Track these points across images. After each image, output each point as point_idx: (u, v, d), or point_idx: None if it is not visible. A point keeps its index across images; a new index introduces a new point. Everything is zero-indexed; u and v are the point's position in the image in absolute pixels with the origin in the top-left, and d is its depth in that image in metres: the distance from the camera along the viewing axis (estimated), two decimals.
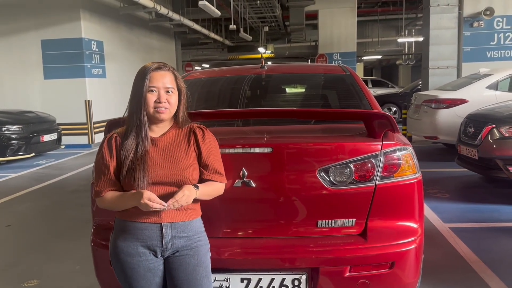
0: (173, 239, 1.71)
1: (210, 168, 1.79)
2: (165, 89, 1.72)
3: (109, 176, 1.71)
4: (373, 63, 32.03)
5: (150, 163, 1.69)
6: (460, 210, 4.63)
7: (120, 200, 1.71)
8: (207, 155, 1.79)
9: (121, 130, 1.77)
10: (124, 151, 1.69)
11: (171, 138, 1.77)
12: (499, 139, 4.86)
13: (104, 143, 1.75)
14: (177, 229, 1.72)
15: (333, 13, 16.56)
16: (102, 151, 1.74)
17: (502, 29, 10.20)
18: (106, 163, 1.71)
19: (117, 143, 1.73)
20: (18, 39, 10.22)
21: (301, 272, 1.98)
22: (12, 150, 7.87)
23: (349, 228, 2.04)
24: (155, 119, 1.73)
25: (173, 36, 16.83)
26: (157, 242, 1.70)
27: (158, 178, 1.69)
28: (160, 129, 1.77)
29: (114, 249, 1.75)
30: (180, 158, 1.73)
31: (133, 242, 1.71)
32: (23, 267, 3.54)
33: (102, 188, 1.72)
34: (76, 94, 10.14)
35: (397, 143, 2.07)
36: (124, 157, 1.69)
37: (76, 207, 5.25)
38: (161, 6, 11.14)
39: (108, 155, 1.72)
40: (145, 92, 1.69)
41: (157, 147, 1.73)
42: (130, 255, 1.71)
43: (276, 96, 3.29)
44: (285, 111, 2.43)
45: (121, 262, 1.73)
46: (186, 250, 1.74)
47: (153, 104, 1.70)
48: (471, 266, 3.24)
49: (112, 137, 1.75)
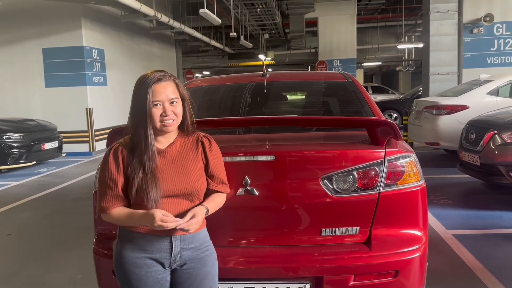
0: (181, 251, 1.69)
1: (216, 179, 1.78)
2: (169, 101, 1.68)
3: (116, 192, 1.66)
4: (373, 70, 32.11)
5: (161, 177, 1.65)
6: (463, 216, 4.61)
7: (130, 220, 1.66)
8: (214, 166, 1.78)
9: (125, 141, 1.72)
10: (132, 168, 1.64)
11: (179, 148, 1.74)
12: (501, 145, 4.85)
13: (109, 156, 1.69)
14: (186, 241, 1.70)
15: (333, 20, 16.62)
16: (108, 165, 1.68)
17: (502, 35, 10.24)
18: (113, 178, 1.66)
19: (124, 156, 1.67)
20: (19, 48, 10.27)
21: (305, 281, 1.97)
22: (13, 158, 7.87)
23: (353, 236, 2.02)
24: (162, 132, 1.70)
25: (174, 43, 16.90)
26: (166, 254, 1.68)
27: (170, 191, 1.66)
28: (167, 140, 1.74)
29: (120, 259, 1.70)
30: (190, 170, 1.71)
31: (141, 253, 1.67)
32: (24, 276, 3.52)
33: (108, 204, 1.67)
34: (77, 102, 10.16)
35: (401, 150, 2.06)
36: (132, 175, 1.64)
37: (77, 215, 5.23)
38: (161, 14, 11.19)
39: (115, 170, 1.66)
40: (149, 107, 1.64)
41: (165, 159, 1.70)
42: (138, 266, 1.67)
43: (278, 104, 3.28)
44: (288, 119, 2.42)
45: (128, 273, 1.69)
46: (194, 263, 1.72)
47: (160, 118, 1.66)
48: (475, 273, 3.21)
49: (118, 150, 1.68)
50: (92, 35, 10.41)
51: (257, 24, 17.88)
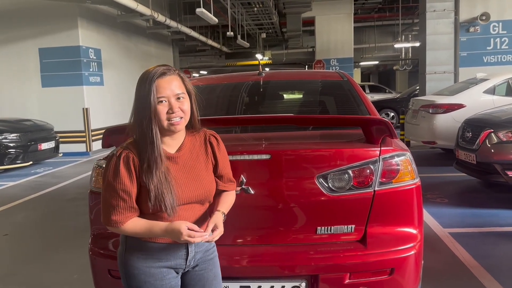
0: (195, 255, 1.66)
1: (225, 178, 1.75)
2: (175, 96, 1.55)
3: (130, 204, 1.53)
4: (370, 69, 32.16)
5: (175, 184, 1.55)
6: (459, 215, 4.62)
7: (150, 232, 1.54)
8: (223, 166, 1.73)
9: (131, 146, 1.56)
10: (145, 175, 1.51)
11: (189, 151, 1.64)
12: (497, 144, 4.87)
13: (119, 165, 1.52)
14: (198, 245, 1.66)
15: (330, 19, 16.63)
16: (119, 176, 1.51)
17: (498, 34, 10.27)
18: (127, 190, 1.51)
19: (135, 164, 1.53)
20: (15, 48, 10.23)
21: (300, 279, 1.97)
22: (10, 158, 7.85)
23: (349, 234, 2.03)
24: (169, 132, 1.57)
25: (171, 43, 16.88)
26: (181, 261, 1.62)
27: (185, 199, 1.58)
28: (176, 142, 1.62)
29: (131, 269, 1.60)
30: (203, 175, 1.64)
31: (155, 263, 1.59)
32: (21, 277, 3.51)
33: (121, 217, 1.52)
34: (74, 102, 10.13)
35: (395, 148, 2.07)
36: (147, 183, 1.51)
37: (74, 215, 5.22)
38: (158, 14, 11.17)
39: (129, 181, 1.52)
40: (154, 104, 1.50)
41: (177, 164, 1.60)
42: (152, 275, 1.58)
43: (274, 103, 3.29)
44: (284, 118, 2.43)
45: (141, 283, 1.59)
46: (204, 264, 1.69)
47: (166, 116, 1.53)
48: (471, 271, 3.22)
49: (129, 158, 1.53)
50: (88, 35, 10.38)
51: (254, 24, 17.88)
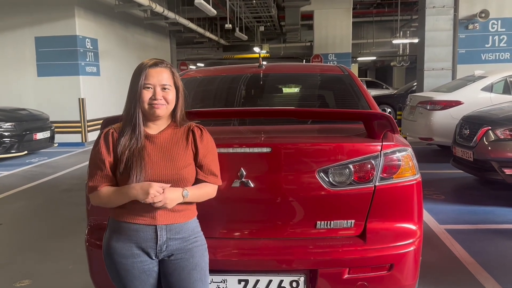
0: (168, 241, 1.68)
1: (205, 169, 1.76)
2: (161, 86, 1.69)
3: (106, 172, 1.68)
4: (368, 64, 32.10)
5: (148, 160, 1.66)
6: (455, 211, 4.63)
7: (120, 194, 1.65)
8: (204, 155, 1.75)
9: (117, 126, 1.75)
10: (120, 147, 1.67)
11: (169, 136, 1.74)
12: (494, 141, 4.88)
13: (100, 138, 1.72)
14: (172, 231, 1.69)
15: (329, 13, 16.57)
16: (98, 146, 1.70)
17: (496, 32, 10.25)
18: (103, 158, 1.68)
19: (114, 138, 1.70)
20: (11, 36, 10.11)
21: (299, 273, 1.96)
22: (5, 148, 7.78)
23: (348, 229, 2.02)
24: (151, 115, 1.70)
25: (168, 34, 16.76)
26: (151, 244, 1.67)
27: (155, 176, 1.65)
28: (157, 127, 1.74)
29: (108, 249, 1.72)
30: (178, 157, 1.70)
31: (127, 244, 1.68)
32: (15, 267, 3.49)
33: (97, 183, 1.68)
34: (69, 92, 10.05)
35: (397, 144, 2.05)
36: (120, 153, 1.66)
37: (69, 206, 5.19)
38: (156, 4, 11.07)
39: (105, 150, 1.68)
40: (140, 88, 1.67)
41: (154, 144, 1.70)
42: (124, 256, 1.68)
43: (273, 96, 3.26)
44: (285, 111, 2.40)
45: (115, 263, 1.70)
46: (181, 254, 1.71)
47: (148, 100, 1.68)
48: (466, 267, 3.24)
49: (109, 132, 1.71)
50: (85, 24, 10.28)
51: (253, 16, 17.77)
